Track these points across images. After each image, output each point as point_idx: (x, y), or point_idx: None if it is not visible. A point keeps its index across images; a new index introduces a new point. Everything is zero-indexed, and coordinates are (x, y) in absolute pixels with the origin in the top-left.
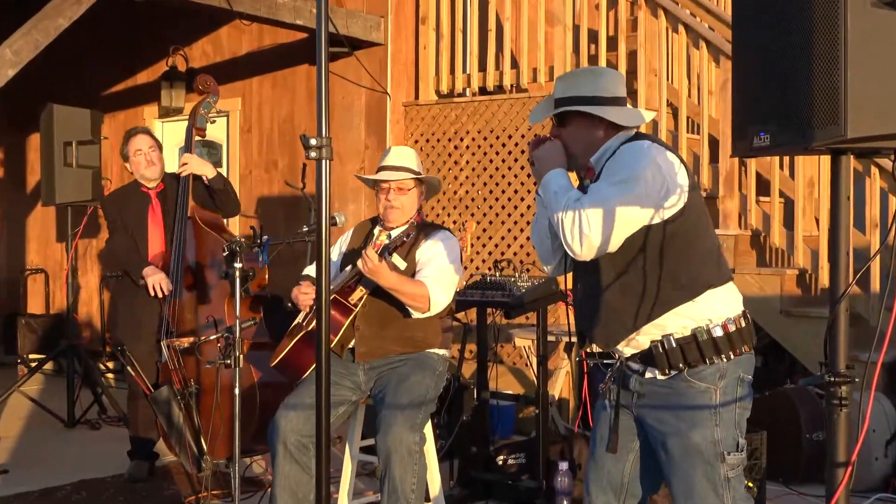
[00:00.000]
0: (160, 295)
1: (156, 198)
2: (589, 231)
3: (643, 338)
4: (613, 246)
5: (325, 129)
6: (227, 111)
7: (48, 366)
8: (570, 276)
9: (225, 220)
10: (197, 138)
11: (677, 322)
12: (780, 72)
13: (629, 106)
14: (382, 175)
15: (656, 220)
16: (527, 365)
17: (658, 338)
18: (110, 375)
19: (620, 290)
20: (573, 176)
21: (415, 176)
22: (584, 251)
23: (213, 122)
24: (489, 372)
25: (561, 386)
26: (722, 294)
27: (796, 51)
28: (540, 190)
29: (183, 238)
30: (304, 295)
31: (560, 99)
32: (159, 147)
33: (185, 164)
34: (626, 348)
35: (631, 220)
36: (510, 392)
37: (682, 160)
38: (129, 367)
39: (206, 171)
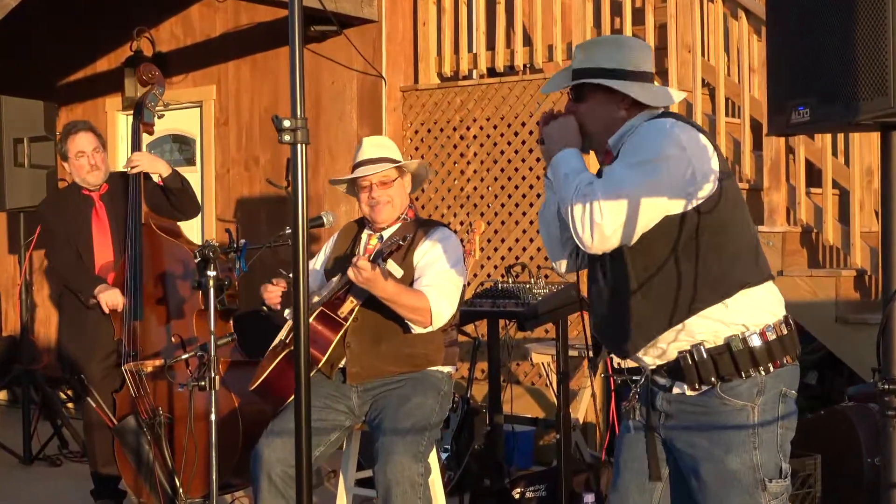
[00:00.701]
0: (107, 310)
1: (99, 201)
2: (601, 220)
3: (670, 347)
4: (630, 237)
5: (300, 110)
6: (199, 101)
7: (1, 395)
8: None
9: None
10: (145, 135)
11: (708, 328)
12: (819, 37)
13: (657, 84)
14: (359, 171)
15: (682, 209)
16: (547, 385)
17: (687, 348)
18: (72, 405)
19: (641, 291)
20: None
21: (394, 165)
22: (596, 243)
23: (161, 116)
24: (504, 393)
25: (586, 408)
26: (760, 295)
27: (837, 13)
28: (549, 172)
29: (138, 249)
30: (272, 288)
31: (578, 70)
32: (103, 146)
33: (136, 163)
34: (650, 359)
35: (650, 207)
36: (527, 416)
37: (712, 142)
38: (88, 398)
39: (160, 168)
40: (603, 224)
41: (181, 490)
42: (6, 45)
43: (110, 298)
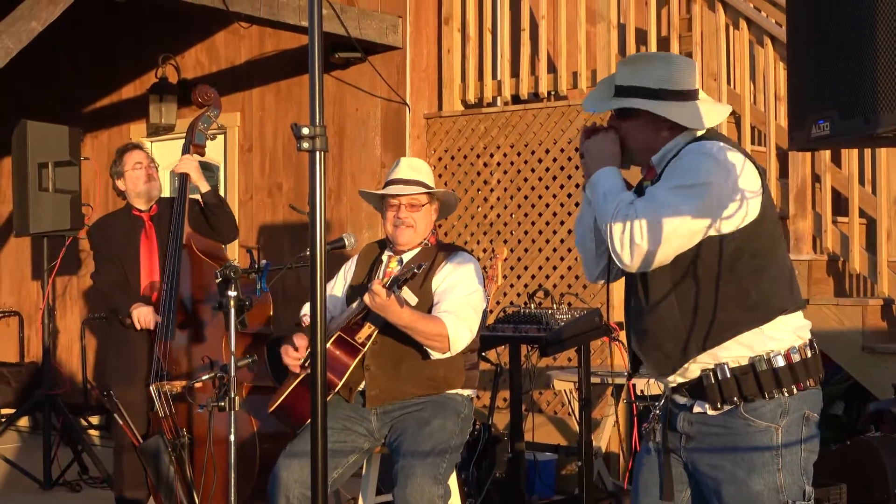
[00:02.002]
0: (139, 327)
1: (149, 221)
2: (640, 240)
3: (693, 365)
4: (667, 259)
5: (319, 118)
6: (224, 127)
7: (23, 421)
8: (620, 305)
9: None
10: (196, 157)
11: (734, 350)
12: (839, 50)
13: (702, 96)
14: (391, 189)
15: (723, 232)
16: (569, 414)
17: (710, 366)
18: (94, 432)
19: (680, 309)
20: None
21: (427, 191)
22: (634, 262)
23: (214, 138)
24: (525, 422)
25: (608, 437)
26: (790, 321)
27: (856, 25)
28: (587, 190)
29: (176, 269)
30: (292, 360)
31: (622, 87)
32: (155, 164)
33: (183, 164)
34: (672, 376)
35: (690, 230)
36: (549, 443)
37: (756, 165)
38: (116, 415)
39: (201, 181)
40: (642, 245)
41: None
42: (32, 71)
43: (142, 316)
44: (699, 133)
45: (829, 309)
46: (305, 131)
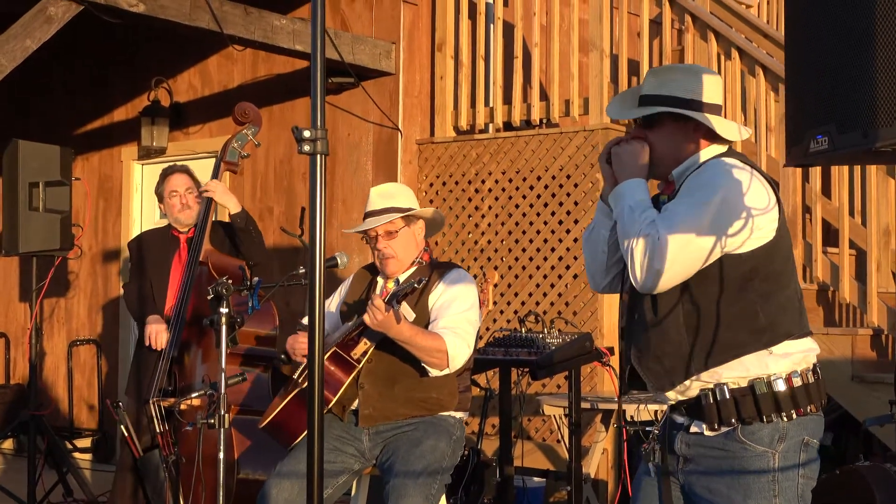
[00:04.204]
0: (153, 346)
1: (185, 243)
2: (660, 265)
3: (694, 383)
4: (683, 278)
5: (321, 121)
6: (215, 151)
7: (8, 444)
8: (610, 331)
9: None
10: (230, 174)
11: (736, 370)
12: (837, 63)
13: (726, 118)
14: (365, 224)
15: (738, 252)
16: (558, 440)
17: (710, 386)
18: (79, 454)
19: (686, 325)
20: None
21: (400, 215)
22: (650, 285)
23: (247, 156)
24: (515, 449)
25: (597, 463)
26: (797, 345)
27: (855, 37)
28: (610, 198)
29: (190, 286)
30: (300, 344)
31: (649, 96)
32: (198, 189)
33: (208, 189)
34: (672, 394)
35: (706, 249)
36: (538, 468)
37: (774, 190)
38: (122, 427)
39: (230, 203)
40: (662, 269)
41: None
42: (25, 92)
43: (155, 334)
44: (721, 151)
45: (819, 338)
46: (307, 134)
